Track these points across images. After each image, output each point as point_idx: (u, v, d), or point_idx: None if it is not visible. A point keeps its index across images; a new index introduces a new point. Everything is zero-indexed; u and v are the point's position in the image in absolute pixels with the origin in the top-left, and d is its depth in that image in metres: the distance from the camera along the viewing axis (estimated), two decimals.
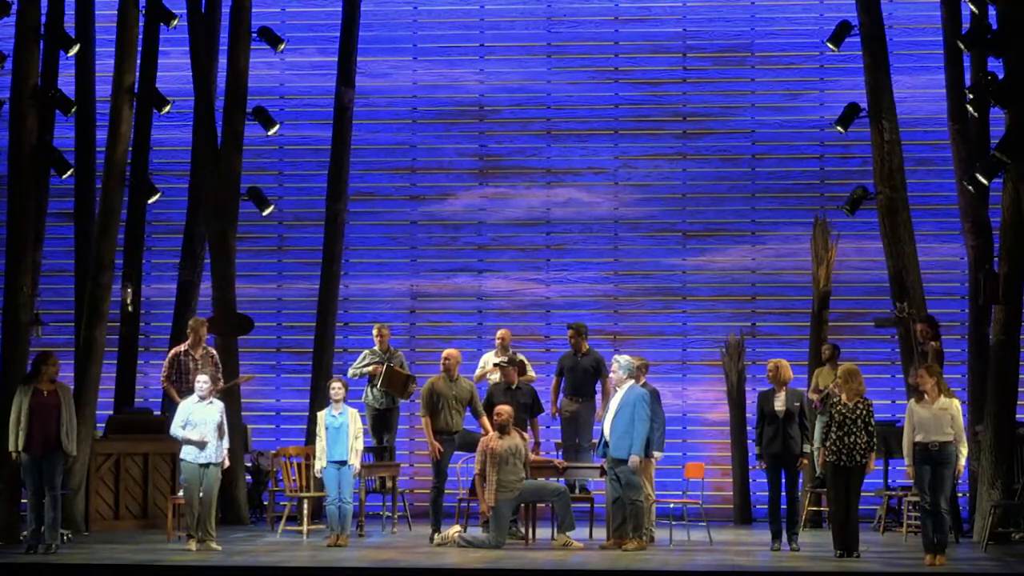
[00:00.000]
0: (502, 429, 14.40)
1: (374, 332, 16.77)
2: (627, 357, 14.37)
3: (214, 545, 13.90)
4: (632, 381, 14.11)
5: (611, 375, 14.43)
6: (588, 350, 16.21)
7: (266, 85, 19.54)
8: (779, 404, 14.06)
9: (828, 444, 13.35)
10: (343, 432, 14.47)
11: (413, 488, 18.35)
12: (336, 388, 14.63)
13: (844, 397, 13.42)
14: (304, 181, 19.68)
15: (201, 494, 13.89)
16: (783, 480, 14.08)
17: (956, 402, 13.14)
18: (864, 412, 13.32)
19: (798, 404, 14.12)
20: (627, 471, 13.83)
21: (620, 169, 19.50)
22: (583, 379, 16.07)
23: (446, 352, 15.17)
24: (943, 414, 12.98)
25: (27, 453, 13.63)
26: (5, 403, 14.29)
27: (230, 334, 17.22)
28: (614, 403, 14.07)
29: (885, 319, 17.09)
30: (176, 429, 14.00)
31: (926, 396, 13.05)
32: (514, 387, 15.53)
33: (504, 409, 14.51)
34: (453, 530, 14.58)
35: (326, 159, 18.60)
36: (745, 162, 19.40)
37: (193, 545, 13.83)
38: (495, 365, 16.09)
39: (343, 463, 14.44)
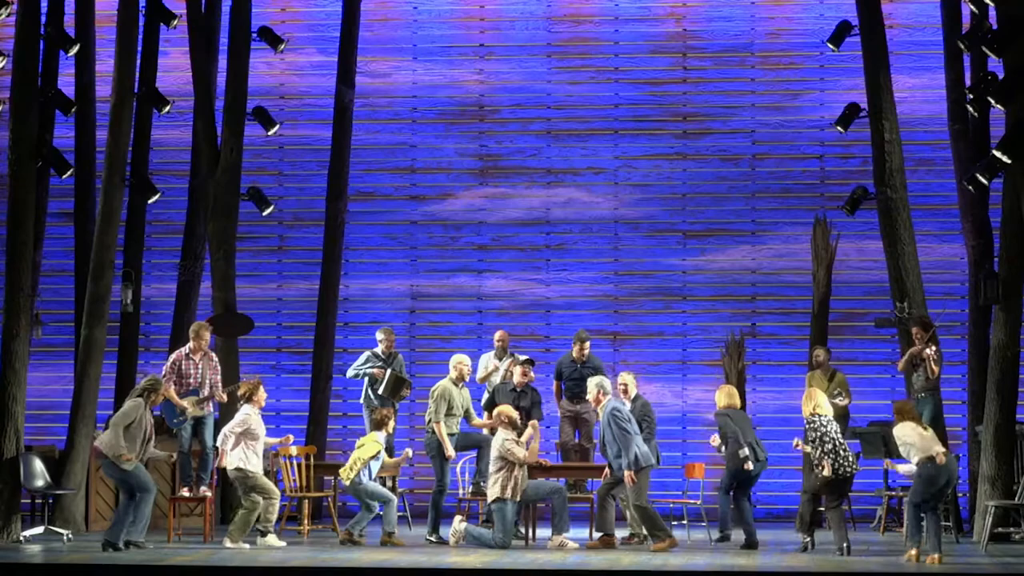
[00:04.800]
0: (519, 433, 14.48)
1: (381, 336, 16.61)
2: (598, 378, 14.44)
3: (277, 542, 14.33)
4: (608, 398, 14.17)
5: (587, 399, 14.53)
6: (588, 356, 16.19)
7: (266, 85, 19.54)
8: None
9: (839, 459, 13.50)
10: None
11: (413, 488, 18.33)
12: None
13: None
14: (304, 181, 19.67)
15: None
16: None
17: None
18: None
19: None
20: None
21: (620, 169, 19.49)
22: (582, 385, 16.03)
23: (464, 358, 15.16)
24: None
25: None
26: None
27: (230, 334, 17.22)
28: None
29: (885, 319, 17.09)
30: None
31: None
32: (518, 390, 15.51)
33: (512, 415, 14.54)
34: (458, 519, 14.56)
35: (326, 159, 18.62)
36: (745, 162, 19.40)
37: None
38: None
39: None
